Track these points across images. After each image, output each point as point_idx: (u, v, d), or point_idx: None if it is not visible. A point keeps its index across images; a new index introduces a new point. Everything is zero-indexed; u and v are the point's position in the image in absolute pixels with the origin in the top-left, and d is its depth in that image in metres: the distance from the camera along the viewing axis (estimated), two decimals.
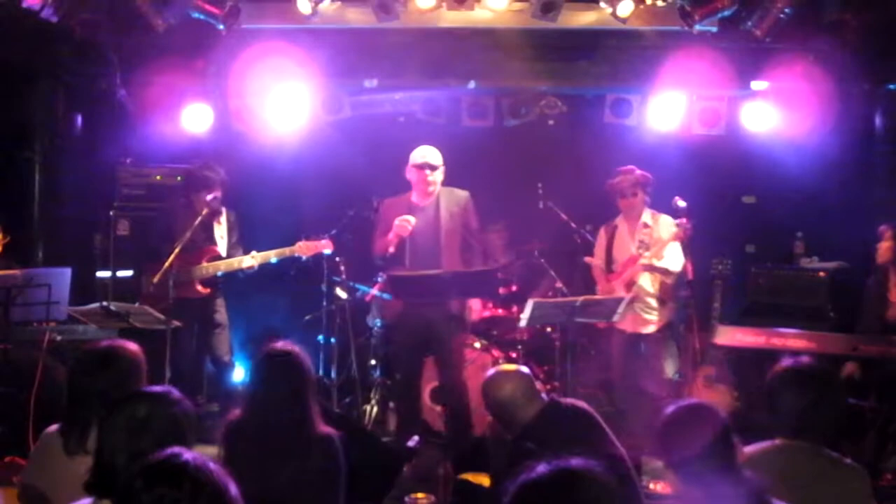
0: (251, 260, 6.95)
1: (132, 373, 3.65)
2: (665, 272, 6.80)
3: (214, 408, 7.71)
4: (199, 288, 7.00)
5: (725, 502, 2.71)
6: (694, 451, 2.81)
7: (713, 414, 2.96)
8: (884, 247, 6.53)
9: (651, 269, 6.79)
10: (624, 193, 6.96)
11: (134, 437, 2.71)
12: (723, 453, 2.86)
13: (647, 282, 6.87)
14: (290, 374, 3.81)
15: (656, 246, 6.80)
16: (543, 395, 4.19)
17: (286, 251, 6.97)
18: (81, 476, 2.79)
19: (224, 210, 7.22)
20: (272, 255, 6.98)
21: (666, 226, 6.87)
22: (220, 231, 7.18)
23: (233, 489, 2.12)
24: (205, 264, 7.00)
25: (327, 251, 7.08)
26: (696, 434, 2.84)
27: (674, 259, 6.82)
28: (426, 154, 6.59)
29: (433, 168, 6.55)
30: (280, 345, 3.94)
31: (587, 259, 7.30)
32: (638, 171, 6.96)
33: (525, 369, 4.25)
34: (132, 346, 3.78)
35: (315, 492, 3.68)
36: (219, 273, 7.00)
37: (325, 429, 3.80)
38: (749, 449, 3.26)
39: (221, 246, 7.13)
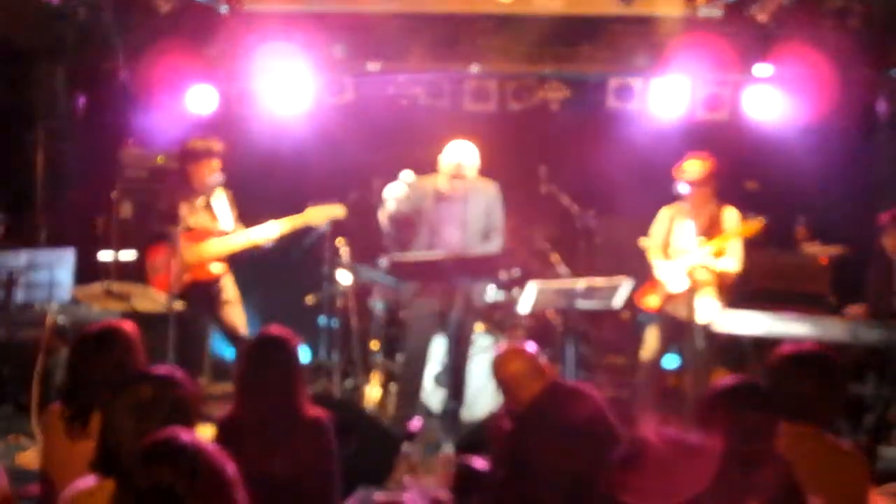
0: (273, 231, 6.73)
1: (130, 353, 3.66)
2: (723, 274, 6.60)
3: (218, 389, 7.73)
4: (209, 268, 6.79)
5: (763, 487, 2.71)
6: (739, 428, 2.82)
7: (760, 393, 2.99)
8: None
9: (710, 271, 6.58)
10: (693, 183, 6.60)
11: (139, 418, 2.72)
12: (765, 435, 2.88)
13: (705, 274, 6.56)
14: (276, 357, 3.82)
15: (718, 242, 6.52)
16: (551, 376, 4.22)
17: (298, 220, 6.75)
18: (85, 457, 2.81)
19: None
20: (286, 224, 6.75)
21: (730, 220, 6.59)
22: (222, 207, 6.99)
23: (231, 469, 2.13)
24: (215, 241, 6.81)
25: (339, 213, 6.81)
26: (740, 412, 2.86)
27: (735, 258, 6.59)
28: (462, 160, 6.40)
29: (463, 177, 6.40)
30: (272, 329, 3.96)
31: (641, 240, 7.05)
32: (710, 160, 6.68)
33: (532, 347, 4.29)
34: (128, 326, 3.79)
35: (309, 474, 3.69)
36: (235, 249, 6.78)
37: (315, 411, 3.81)
38: None
39: (227, 223, 6.93)
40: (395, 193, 6.38)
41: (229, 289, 6.96)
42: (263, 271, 7.42)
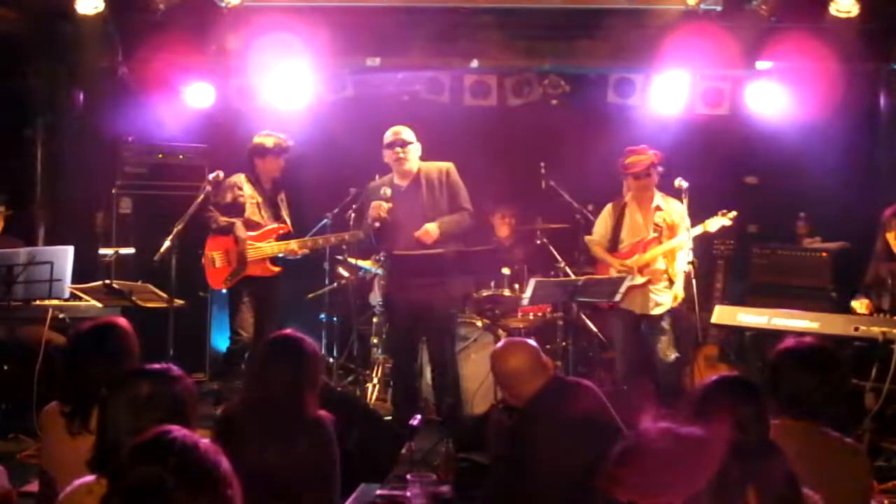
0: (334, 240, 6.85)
1: (125, 348, 3.66)
2: (676, 265, 6.63)
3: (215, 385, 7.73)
4: (270, 266, 6.81)
5: (760, 477, 2.68)
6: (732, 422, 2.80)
7: (751, 387, 2.98)
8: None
9: (670, 252, 6.63)
10: (638, 175, 6.69)
11: (137, 415, 2.71)
12: (759, 427, 2.86)
13: (660, 264, 6.67)
14: (290, 357, 3.82)
15: (673, 230, 6.63)
16: (551, 371, 4.20)
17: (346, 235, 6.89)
18: (84, 455, 2.80)
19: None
20: (346, 236, 6.87)
21: (677, 210, 6.67)
22: (284, 209, 7.01)
23: (224, 466, 2.10)
24: (278, 242, 6.81)
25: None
26: (733, 405, 2.84)
27: (687, 250, 6.62)
28: (396, 131, 6.43)
29: (404, 144, 6.37)
30: (288, 331, 3.98)
31: (587, 238, 7.15)
32: (651, 151, 6.74)
33: (533, 342, 4.27)
34: (122, 322, 3.80)
35: (306, 474, 3.67)
36: (294, 251, 6.81)
37: (319, 413, 3.80)
38: None
39: (288, 223, 6.95)
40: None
41: (278, 294, 6.95)
42: None
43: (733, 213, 6.62)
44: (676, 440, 2.04)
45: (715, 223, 6.63)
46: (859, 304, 6.35)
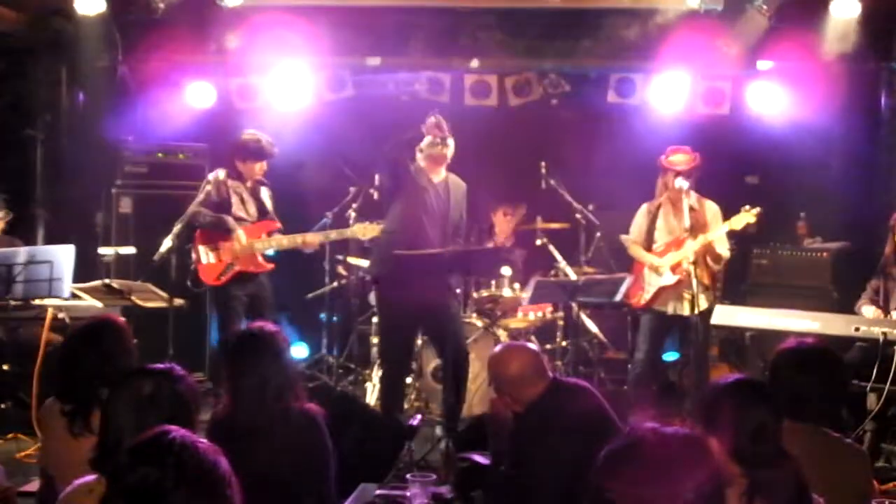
0: (321, 237, 6.80)
1: (119, 345, 3.66)
2: (717, 258, 6.57)
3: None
4: (262, 261, 6.79)
5: (771, 486, 2.66)
6: (745, 426, 2.78)
7: (763, 391, 2.96)
8: None
9: (706, 251, 6.55)
10: (684, 175, 6.52)
11: (140, 414, 2.71)
12: (771, 432, 2.85)
13: (694, 267, 6.35)
14: (261, 352, 3.78)
15: (705, 231, 6.49)
16: (551, 373, 4.18)
17: (346, 232, 6.74)
18: (85, 454, 2.79)
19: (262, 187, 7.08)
20: (332, 235, 6.85)
21: (711, 210, 6.62)
22: (269, 204, 6.99)
23: (222, 466, 2.10)
24: (267, 238, 6.80)
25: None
26: (746, 408, 2.82)
27: (723, 248, 6.58)
28: (439, 121, 6.17)
29: (447, 146, 6.21)
30: (257, 325, 3.94)
31: (623, 237, 7.03)
32: (693, 153, 6.65)
33: (533, 346, 4.25)
34: (117, 319, 3.79)
35: (301, 470, 3.66)
36: (280, 248, 6.80)
37: (306, 406, 3.78)
38: None
39: (275, 218, 6.95)
40: None
41: (270, 291, 6.95)
42: None
43: (757, 210, 6.44)
44: (661, 439, 2.04)
45: (740, 220, 6.46)
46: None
